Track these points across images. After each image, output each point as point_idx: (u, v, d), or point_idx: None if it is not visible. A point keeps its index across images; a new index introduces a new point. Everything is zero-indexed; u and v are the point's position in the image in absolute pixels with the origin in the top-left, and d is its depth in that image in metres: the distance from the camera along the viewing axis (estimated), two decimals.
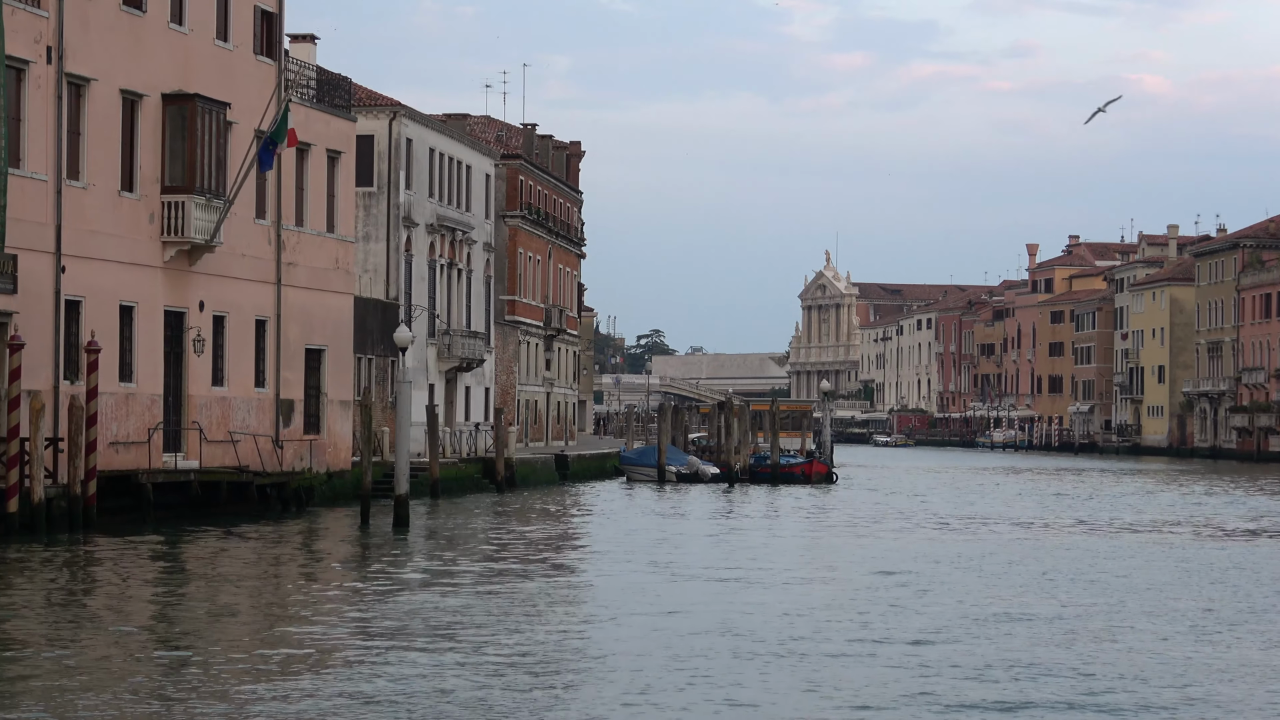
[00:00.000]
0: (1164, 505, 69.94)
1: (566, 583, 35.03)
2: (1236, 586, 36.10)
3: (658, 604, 31.22)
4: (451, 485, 67.83)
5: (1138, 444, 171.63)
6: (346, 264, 61.03)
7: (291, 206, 57.38)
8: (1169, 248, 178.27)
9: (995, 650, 25.77)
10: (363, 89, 77.84)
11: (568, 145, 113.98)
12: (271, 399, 56.28)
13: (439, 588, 33.27)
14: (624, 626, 27.98)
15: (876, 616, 29.86)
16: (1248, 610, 31.74)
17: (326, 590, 33.69)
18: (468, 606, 29.68)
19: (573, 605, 30.85)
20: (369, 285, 75.60)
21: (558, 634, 26.80)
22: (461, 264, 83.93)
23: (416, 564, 39.03)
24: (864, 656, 25.10)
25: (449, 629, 27.06)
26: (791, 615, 29.78)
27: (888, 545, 46.71)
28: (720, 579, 36.16)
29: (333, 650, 24.91)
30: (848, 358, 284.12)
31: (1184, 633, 28.41)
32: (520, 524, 53.30)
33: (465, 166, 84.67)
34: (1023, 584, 35.98)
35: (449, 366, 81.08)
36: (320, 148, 59.16)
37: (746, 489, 79.98)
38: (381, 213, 75.85)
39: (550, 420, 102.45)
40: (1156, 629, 28.80)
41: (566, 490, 75.27)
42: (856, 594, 33.58)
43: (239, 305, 54.35)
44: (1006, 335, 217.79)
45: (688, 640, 26.33)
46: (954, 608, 31.18)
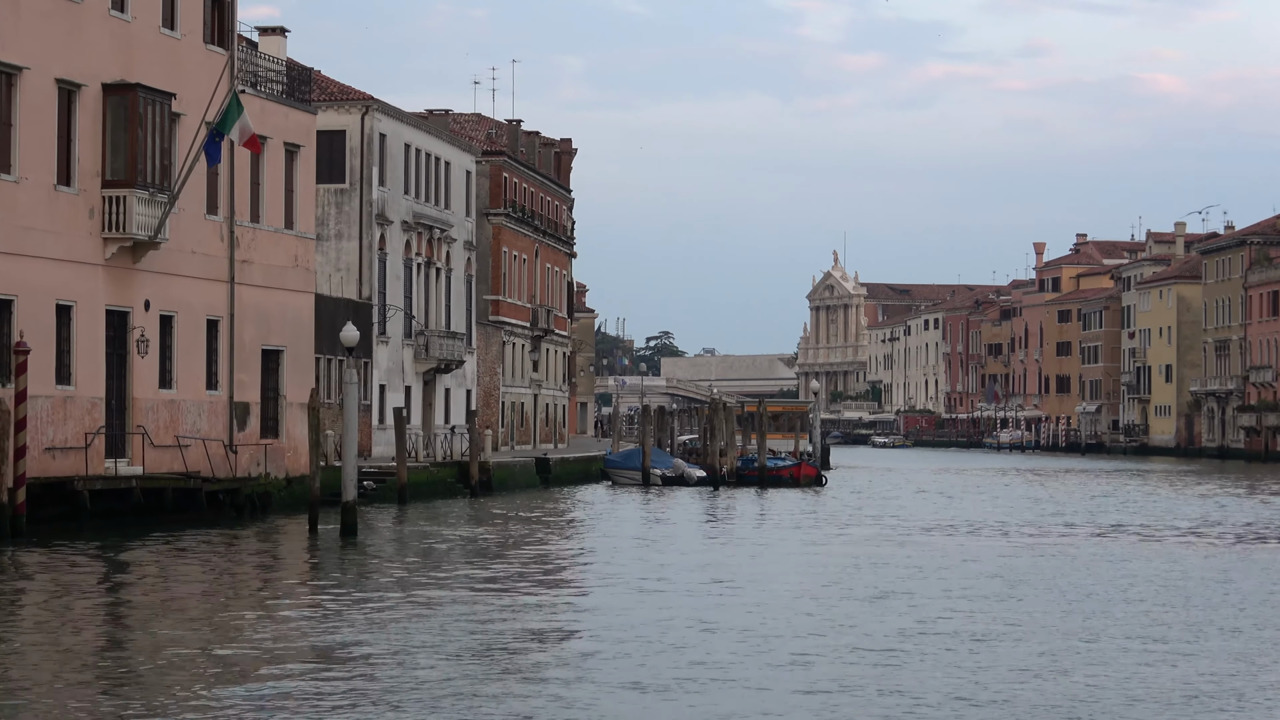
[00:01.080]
0: (1148, 508, 67.80)
1: (494, 606, 32.87)
2: (1168, 601, 33.96)
3: (578, 630, 29.08)
4: (422, 490, 65.71)
5: (1145, 444, 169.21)
6: (306, 262, 58.91)
7: (246, 202, 55.25)
8: (1176, 245, 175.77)
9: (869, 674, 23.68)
10: (335, 83, 75.89)
11: (557, 143, 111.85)
12: (225, 402, 54.18)
13: (343, 607, 31.16)
14: (540, 661, 25.83)
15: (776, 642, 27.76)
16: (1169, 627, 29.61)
17: (231, 608, 31.57)
18: (358, 643, 27.35)
19: (482, 633, 28.67)
20: (341, 285, 73.61)
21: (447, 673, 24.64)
22: (440, 263, 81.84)
23: (338, 579, 36.95)
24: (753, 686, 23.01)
25: (336, 658, 24.94)
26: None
27: (843, 554, 44.58)
28: (643, 593, 34.06)
29: (201, 680, 22.79)
30: (855, 358, 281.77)
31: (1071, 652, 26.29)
32: (482, 532, 51.17)
33: (444, 163, 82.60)
34: (944, 596, 33.86)
35: (427, 368, 79.01)
36: (277, 141, 57.01)
37: (733, 493, 77.83)
38: (354, 210, 73.85)
39: (538, 423, 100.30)
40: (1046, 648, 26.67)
41: (545, 495, 73.09)
42: (777, 608, 31.48)
43: (189, 304, 52.26)
44: (1014, 335, 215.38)
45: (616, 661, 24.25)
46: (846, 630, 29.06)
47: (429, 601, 31.38)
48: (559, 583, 36.25)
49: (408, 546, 45.10)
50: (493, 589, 33.86)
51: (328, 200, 73.76)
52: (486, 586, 34.23)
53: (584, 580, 36.92)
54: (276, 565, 40.02)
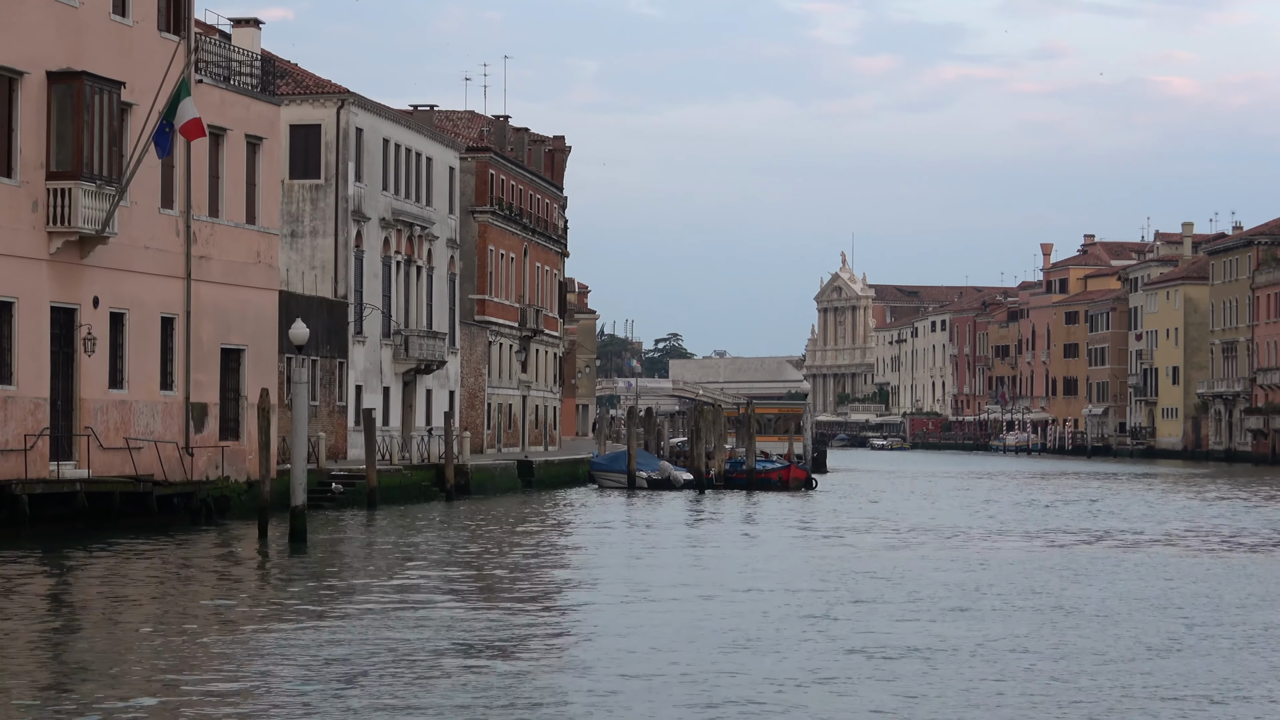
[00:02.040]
0: (1130, 513, 65.90)
1: (407, 620, 30.97)
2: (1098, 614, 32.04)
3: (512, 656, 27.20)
4: (395, 493, 63.86)
5: (1152, 447, 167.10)
6: (270, 258, 56.99)
7: (204, 196, 53.36)
8: (1184, 246, 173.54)
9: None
10: (311, 75, 74.20)
11: (549, 140, 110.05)
12: (180, 402, 52.31)
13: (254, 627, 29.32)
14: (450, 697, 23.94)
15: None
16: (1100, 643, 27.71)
17: (126, 623, 29.73)
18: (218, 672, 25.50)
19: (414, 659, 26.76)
20: (316, 283, 71.83)
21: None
22: (421, 261, 80.00)
23: (256, 592, 35.11)
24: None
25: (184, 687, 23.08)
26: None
27: (810, 561, 42.72)
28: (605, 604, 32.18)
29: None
30: (863, 361, 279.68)
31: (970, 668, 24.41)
32: (438, 538, 49.31)
33: (425, 159, 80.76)
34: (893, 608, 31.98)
35: (406, 368, 77.17)
36: (238, 133, 55.11)
37: (721, 496, 75.95)
38: (329, 206, 72.09)
39: (527, 424, 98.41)
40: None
41: (525, 499, 71.14)
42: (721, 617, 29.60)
43: (141, 301, 50.40)
44: (1021, 337, 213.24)
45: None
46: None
47: (344, 616, 29.54)
48: (489, 595, 34.37)
49: (354, 554, 43.22)
50: (413, 603, 31.98)
51: (303, 196, 72.02)
52: (408, 601, 32.33)
53: (514, 591, 35.03)
54: (203, 576, 38.08)
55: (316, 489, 60.12)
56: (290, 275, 71.37)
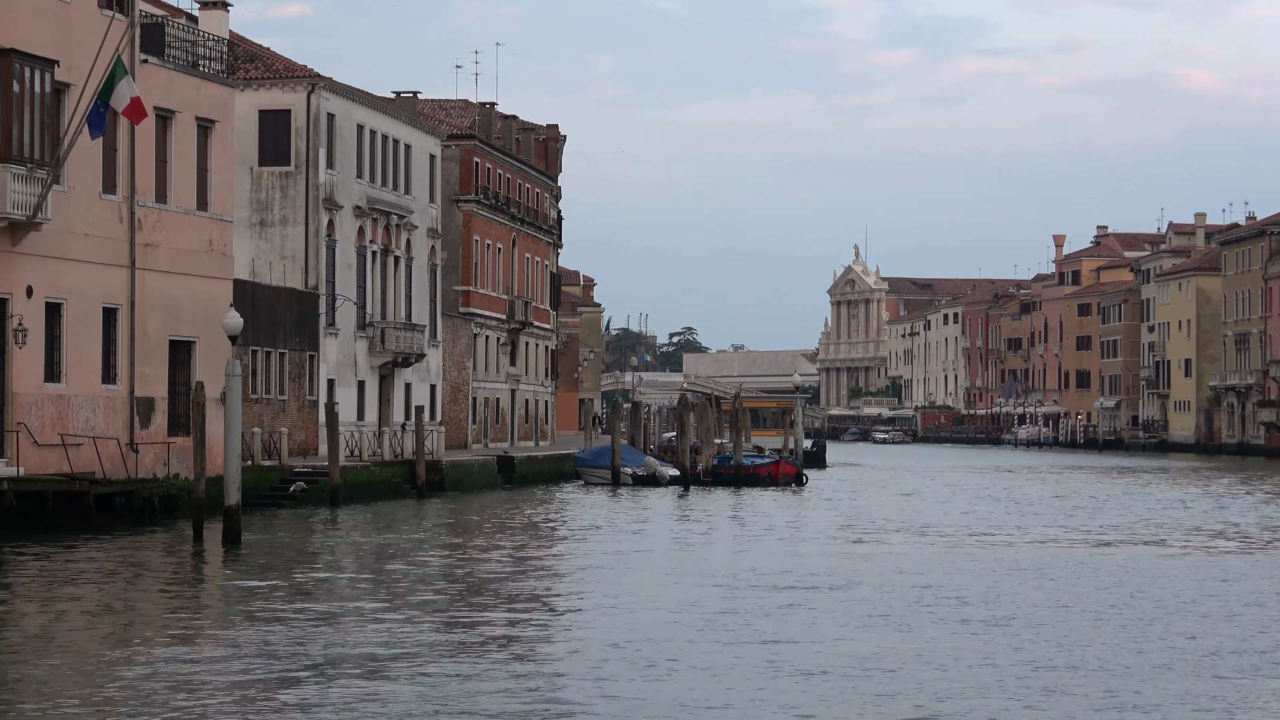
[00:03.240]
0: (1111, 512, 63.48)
1: (289, 638, 28.60)
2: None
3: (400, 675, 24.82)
4: (363, 491, 61.54)
5: (1164, 440, 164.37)
6: (224, 246, 54.62)
7: (150, 181, 50.99)
8: (1196, 237, 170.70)
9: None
10: (281, 58, 71.89)
11: (542, 129, 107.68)
12: (125, 397, 49.99)
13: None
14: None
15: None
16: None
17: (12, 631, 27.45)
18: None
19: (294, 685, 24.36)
20: (286, 273, 69.48)
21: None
22: (400, 251, 77.57)
23: (159, 600, 32.80)
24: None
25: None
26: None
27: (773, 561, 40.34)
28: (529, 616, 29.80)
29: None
30: (876, 354, 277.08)
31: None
32: (381, 540, 46.97)
33: (404, 146, 78.32)
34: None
35: (382, 361, 74.74)
36: (188, 115, 52.74)
37: (710, 492, 73.54)
38: (299, 194, 69.67)
39: (516, 419, 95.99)
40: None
41: (502, 496, 68.69)
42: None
43: (81, 291, 48.09)
44: (1034, 329, 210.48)
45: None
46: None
47: (241, 627, 27.23)
48: (399, 606, 32.01)
49: (287, 557, 40.83)
50: (314, 616, 29.66)
51: (272, 184, 69.68)
52: (309, 614, 30.00)
53: (413, 603, 32.67)
54: (111, 579, 35.75)
55: (277, 487, 58.01)
56: (258, 265, 69.09)
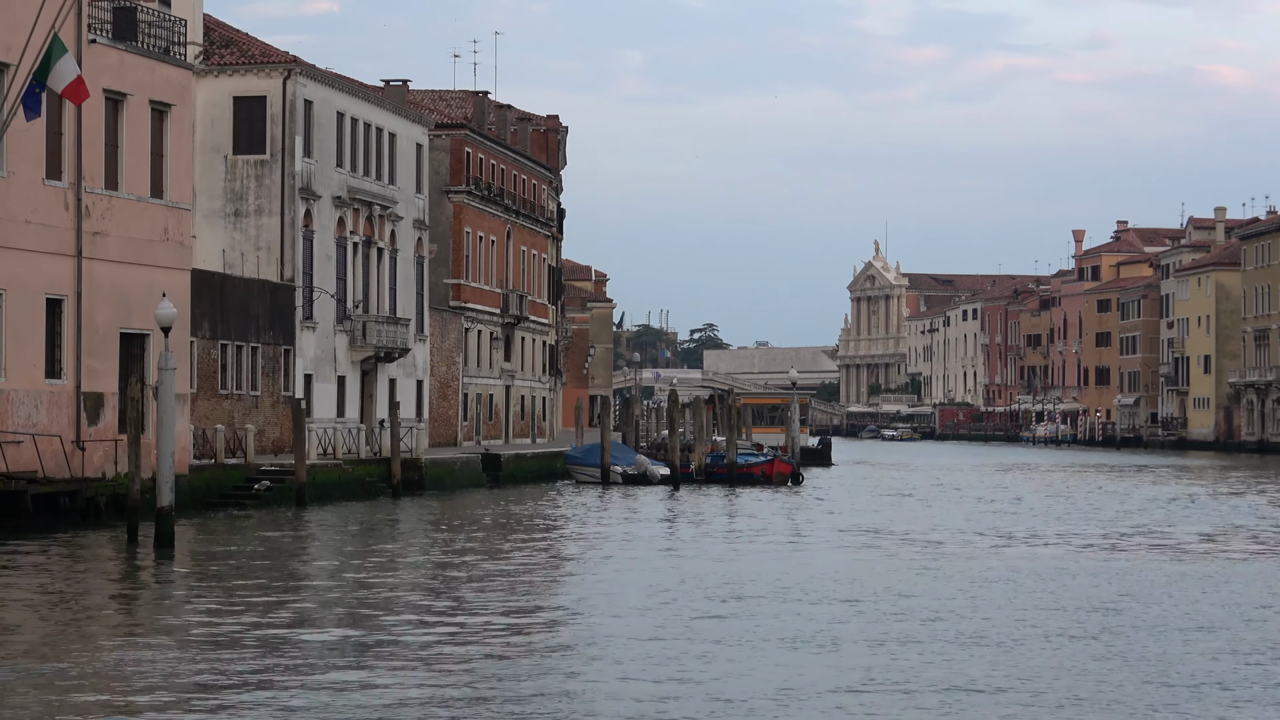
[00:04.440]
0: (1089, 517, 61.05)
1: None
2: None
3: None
4: (333, 490, 59.29)
5: (1183, 438, 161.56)
6: (180, 235, 52.31)
7: (99, 166, 48.74)
8: (1216, 231, 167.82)
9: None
10: (257, 43, 69.85)
11: (542, 119, 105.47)
12: (70, 392, 47.77)
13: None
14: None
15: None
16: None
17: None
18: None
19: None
20: (261, 264, 67.36)
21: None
22: (383, 242, 75.39)
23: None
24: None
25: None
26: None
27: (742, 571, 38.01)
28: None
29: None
30: (896, 350, 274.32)
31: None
32: (350, 543, 44.76)
33: (388, 134, 76.12)
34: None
35: (364, 356, 72.58)
36: (140, 98, 50.44)
37: (701, 491, 71.17)
38: (275, 183, 67.54)
39: (511, 416, 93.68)
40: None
41: (483, 496, 66.27)
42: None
43: (22, 281, 45.91)
44: (1053, 325, 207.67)
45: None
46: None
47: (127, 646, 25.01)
48: (312, 622, 29.73)
49: (217, 565, 38.58)
50: (211, 638, 27.40)
51: (247, 173, 67.61)
52: (213, 635, 27.74)
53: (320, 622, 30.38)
54: (19, 590, 33.61)
55: (242, 486, 55.86)
56: (232, 256, 66.97)
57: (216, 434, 56.81)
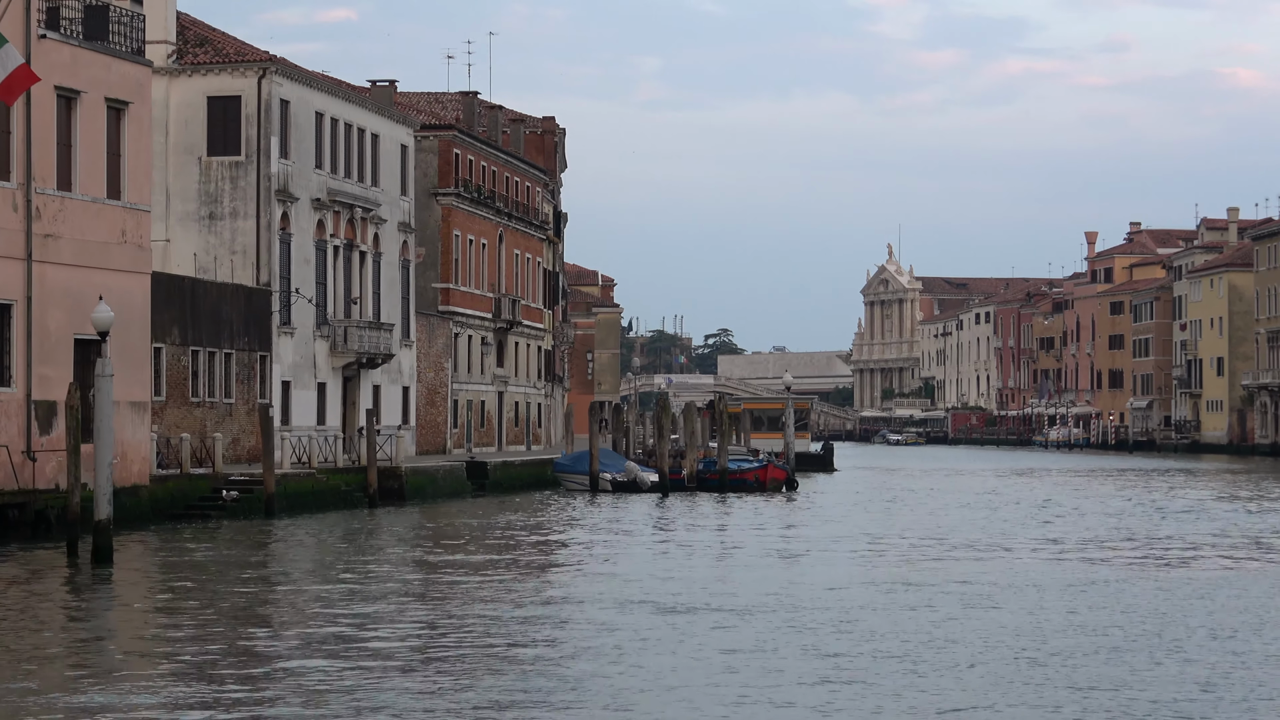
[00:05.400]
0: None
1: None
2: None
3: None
4: (306, 500, 57.50)
5: (1196, 441, 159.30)
6: (139, 238, 50.53)
7: (51, 166, 47.01)
8: (1229, 232, 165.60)
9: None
10: (232, 41, 68.13)
11: (537, 120, 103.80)
12: (20, 400, 46.04)
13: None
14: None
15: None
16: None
17: None
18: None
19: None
20: (236, 268, 65.66)
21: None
22: (366, 246, 73.65)
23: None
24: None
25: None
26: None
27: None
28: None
29: None
30: (910, 354, 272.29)
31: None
32: (299, 557, 42.99)
33: (370, 135, 74.38)
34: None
35: (345, 362, 70.83)
36: (95, 96, 48.69)
37: (691, 499, 69.31)
38: (250, 185, 65.83)
39: (504, 423, 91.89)
40: None
41: (465, 505, 64.39)
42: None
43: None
44: (1066, 328, 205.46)
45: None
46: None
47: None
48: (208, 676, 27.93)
49: (150, 583, 36.83)
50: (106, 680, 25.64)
51: (221, 174, 65.92)
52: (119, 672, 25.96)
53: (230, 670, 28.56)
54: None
55: (209, 496, 54.11)
56: (206, 260, 65.28)
57: (182, 443, 55.05)
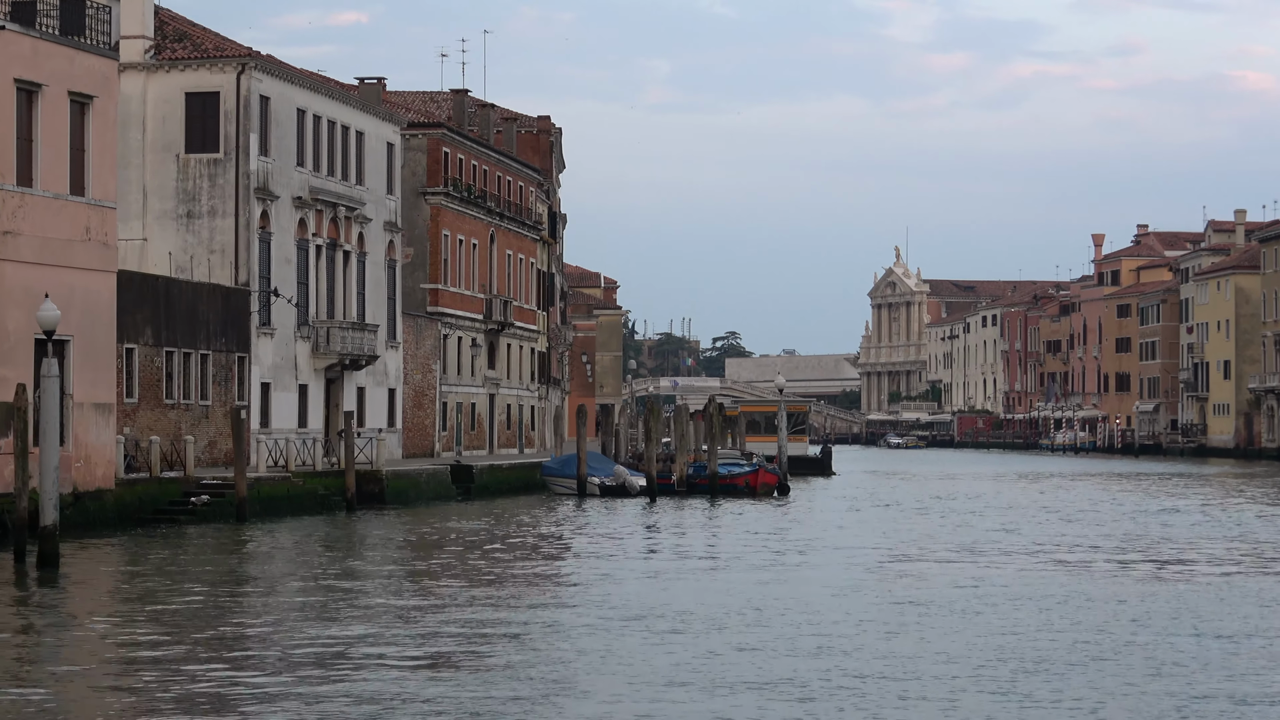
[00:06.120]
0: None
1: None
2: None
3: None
4: (281, 505, 56.21)
5: (1203, 445, 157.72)
6: (104, 235, 49.22)
7: (10, 161, 45.71)
8: (1236, 234, 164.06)
9: None
10: (212, 35, 66.86)
11: (532, 119, 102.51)
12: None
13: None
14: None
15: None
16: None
17: None
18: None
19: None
20: (214, 268, 64.38)
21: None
22: (350, 245, 72.34)
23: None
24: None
25: None
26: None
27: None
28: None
29: None
30: (917, 357, 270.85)
31: None
32: (243, 567, 41.67)
33: (355, 133, 73.07)
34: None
35: (328, 363, 69.52)
36: (58, 89, 47.37)
37: (680, 503, 67.92)
38: (229, 183, 64.54)
39: (496, 425, 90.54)
40: None
41: (450, 509, 63.05)
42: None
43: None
44: (1073, 331, 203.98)
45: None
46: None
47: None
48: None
49: (91, 593, 35.49)
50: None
51: (199, 172, 64.66)
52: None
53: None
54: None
55: (178, 500, 52.85)
56: (183, 259, 64.00)
57: (152, 446, 53.76)
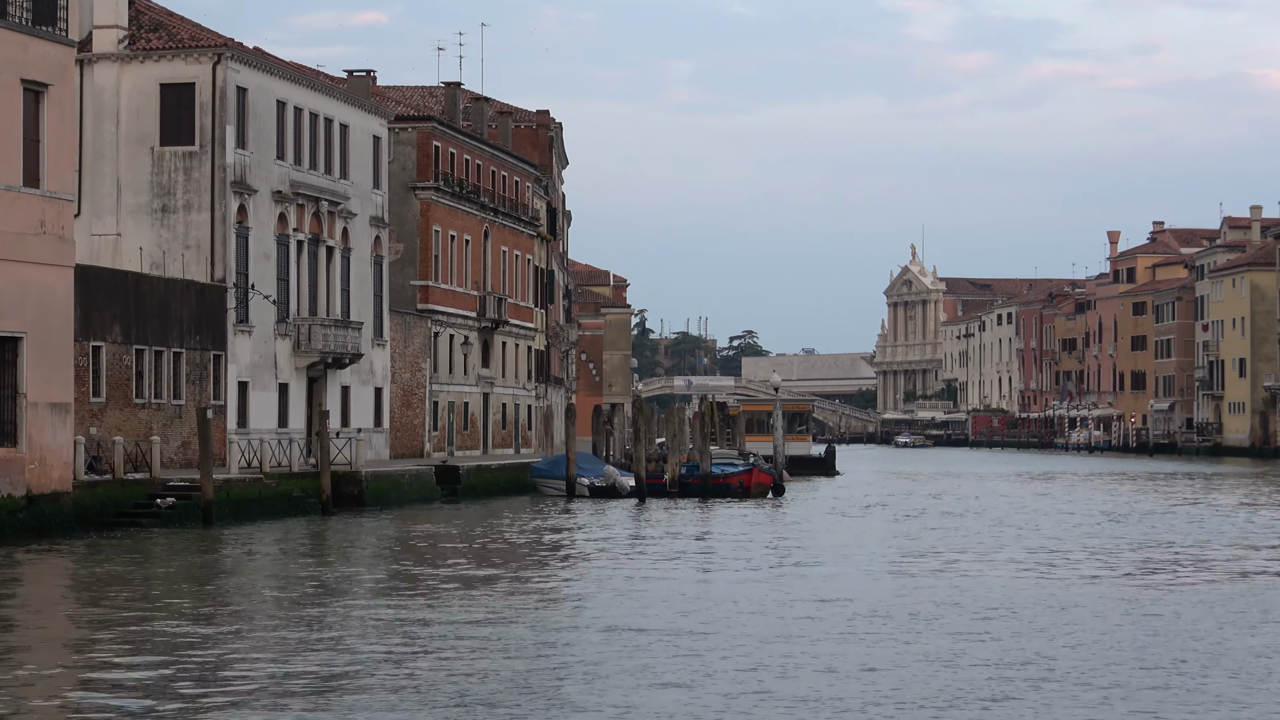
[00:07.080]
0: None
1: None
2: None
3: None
4: (252, 507, 54.49)
5: (1219, 444, 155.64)
6: (60, 229, 47.52)
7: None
8: (1252, 231, 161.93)
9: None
10: (188, 24, 65.22)
11: (530, 114, 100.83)
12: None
13: None
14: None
15: None
16: None
17: None
18: None
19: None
20: (190, 264, 62.69)
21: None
22: (333, 241, 70.62)
23: None
24: None
25: None
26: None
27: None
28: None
29: None
30: (933, 356, 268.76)
31: None
32: (194, 575, 39.94)
33: (338, 125, 71.35)
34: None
35: (309, 362, 67.81)
36: (10, 77, 45.71)
37: (672, 505, 66.19)
38: (204, 176, 62.86)
39: (491, 425, 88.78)
40: None
41: (428, 512, 61.25)
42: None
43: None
44: (1088, 329, 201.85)
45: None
46: None
47: None
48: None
49: (21, 603, 33.83)
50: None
51: (174, 165, 62.97)
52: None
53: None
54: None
55: (143, 503, 51.18)
56: (156, 254, 62.35)
57: (115, 446, 52.09)
